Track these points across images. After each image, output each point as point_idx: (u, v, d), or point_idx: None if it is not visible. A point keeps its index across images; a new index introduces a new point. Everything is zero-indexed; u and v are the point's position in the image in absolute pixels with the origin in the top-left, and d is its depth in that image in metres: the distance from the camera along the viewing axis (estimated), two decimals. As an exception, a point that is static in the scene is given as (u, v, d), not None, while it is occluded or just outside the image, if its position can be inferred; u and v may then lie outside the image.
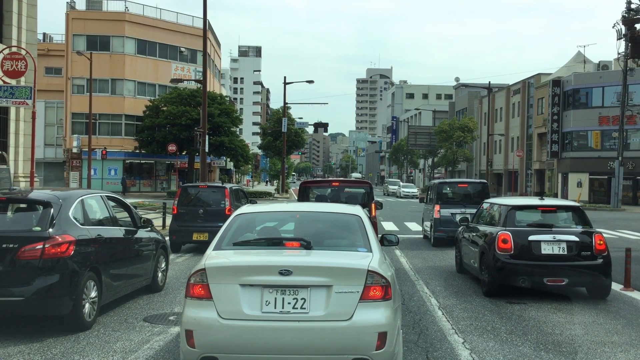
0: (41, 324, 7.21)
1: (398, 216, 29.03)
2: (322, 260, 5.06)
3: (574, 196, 48.06)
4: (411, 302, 8.98)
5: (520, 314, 8.27)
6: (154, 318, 7.77)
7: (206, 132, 27.43)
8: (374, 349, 4.69)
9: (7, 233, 6.83)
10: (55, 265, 6.73)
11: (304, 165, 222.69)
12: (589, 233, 9.50)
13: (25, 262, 6.64)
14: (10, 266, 6.60)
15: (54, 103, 55.72)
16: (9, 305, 6.60)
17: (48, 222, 6.93)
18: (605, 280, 9.35)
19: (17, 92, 13.73)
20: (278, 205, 7.51)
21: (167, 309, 8.38)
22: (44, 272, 6.67)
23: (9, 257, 6.60)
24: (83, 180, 48.78)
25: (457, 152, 67.24)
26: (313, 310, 4.73)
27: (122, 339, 6.78)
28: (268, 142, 65.73)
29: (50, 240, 6.76)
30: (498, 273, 9.30)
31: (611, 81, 47.08)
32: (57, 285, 6.70)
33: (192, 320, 4.78)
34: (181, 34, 55.68)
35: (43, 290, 6.61)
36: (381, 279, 4.85)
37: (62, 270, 6.77)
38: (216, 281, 4.82)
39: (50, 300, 6.69)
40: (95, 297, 7.32)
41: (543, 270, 9.10)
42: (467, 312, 8.36)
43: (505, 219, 9.75)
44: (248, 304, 4.74)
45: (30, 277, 6.61)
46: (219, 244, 5.43)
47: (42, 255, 6.67)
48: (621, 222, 28.59)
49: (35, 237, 6.75)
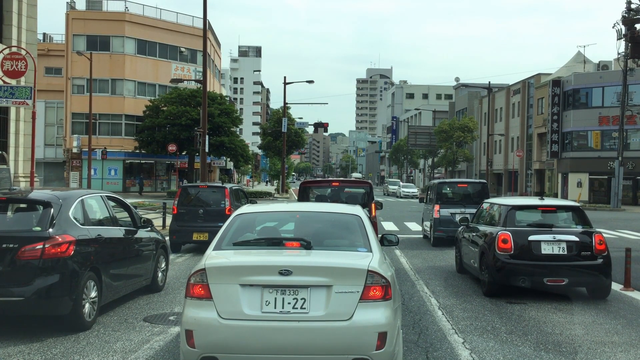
0: (41, 324, 7.20)
1: (398, 216, 29.03)
2: (322, 260, 5.04)
3: (574, 196, 48.05)
4: (411, 302, 8.98)
5: (520, 314, 8.27)
6: (154, 318, 7.77)
7: (206, 132, 27.43)
8: (374, 349, 4.66)
9: (7, 233, 6.82)
10: (55, 265, 6.72)
11: (304, 166, 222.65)
12: (589, 233, 9.47)
13: (25, 262, 6.63)
14: (10, 266, 6.60)
15: (54, 103, 55.71)
16: (9, 306, 6.60)
17: (48, 222, 6.93)
18: (605, 281, 9.32)
19: (17, 92, 13.72)
20: (278, 205, 7.49)
21: (167, 309, 8.37)
22: (44, 272, 6.67)
23: (9, 257, 6.60)
24: (83, 180, 48.78)
25: (457, 152, 67.22)
26: (313, 310, 4.71)
27: (122, 339, 6.78)
28: (268, 142, 65.69)
29: (50, 240, 6.75)
30: (498, 273, 9.28)
31: (611, 81, 47.07)
32: (57, 285, 6.70)
33: (192, 320, 4.76)
34: (181, 34, 55.67)
35: (43, 291, 6.61)
36: (381, 279, 4.83)
37: (62, 270, 6.76)
38: (216, 281, 4.79)
39: (50, 300, 6.69)
40: (96, 297, 7.32)
41: (543, 270, 9.07)
42: (467, 312, 8.36)
43: (505, 219, 9.73)
44: (248, 304, 4.71)
45: (30, 277, 6.60)
46: (219, 244, 5.40)
47: (42, 255, 6.66)
48: (621, 222, 28.58)
49: (35, 237, 6.74)
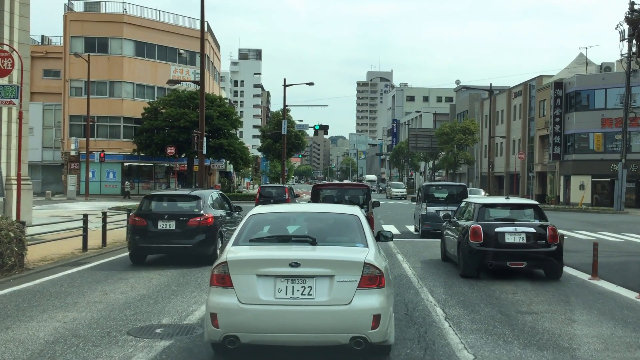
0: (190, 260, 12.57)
1: (400, 219, 28.47)
2: (326, 254, 5.84)
3: (576, 199, 47.57)
4: (415, 312, 8.45)
5: (532, 326, 7.71)
6: (139, 331, 7.21)
7: (204, 134, 26.93)
8: (369, 328, 5.48)
9: (182, 212, 13.00)
10: (205, 229, 12.75)
11: (305, 168, 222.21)
12: (544, 226, 11.31)
13: (191, 227, 12.64)
14: (184, 229, 12.62)
15: (52, 105, 55.18)
16: (184, 249, 12.64)
17: (201, 207, 13.00)
18: (557, 264, 11.22)
19: (3, 91, 13.22)
20: (286, 206, 8.86)
21: (154, 319, 7.83)
22: (200, 232, 12.68)
23: (184, 224, 12.63)
24: (81, 184, 48.21)
25: (458, 154, 66.68)
26: (318, 296, 5.50)
27: (102, 356, 6.22)
28: (268, 144, 65.27)
29: (203, 216, 12.81)
30: (471, 258, 11.25)
31: (614, 83, 46.60)
32: (206, 239, 12.72)
33: (216, 304, 5.56)
34: (180, 36, 55.13)
35: (200, 241, 12.64)
36: (375, 269, 5.62)
37: (208, 232, 12.78)
38: (236, 272, 5.59)
39: (203, 246, 12.68)
40: (219, 245, 12.79)
41: (506, 256, 11.05)
42: (475, 324, 7.80)
43: (477, 214, 11.75)
44: (263, 291, 5.50)
45: (193, 235, 12.63)
46: (237, 240, 6.22)
47: (199, 224, 12.71)
48: (626, 225, 28.06)
49: (196, 214, 12.82)
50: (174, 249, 12.67)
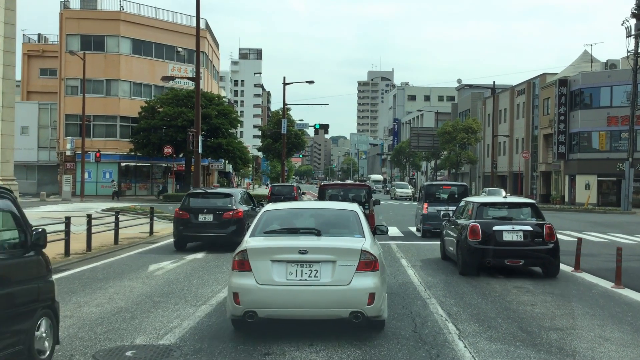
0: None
1: (403, 220, 27.49)
2: (329, 243, 6.83)
3: (582, 198, 46.55)
4: (424, 328, 7.51)
5: (560, 346, 6.71)
6: (106, 354, 6.24)
7: (199, 133, 25.97)
8: (366, 304, 6.43)
9: (218, 207, 15.44)
10: (237, 221, 15.24)
11: (305, 169, 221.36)
12: (541, 224, 11.53)
13: (225, 219, 15.22)
14: (220, 221, 15.20)
15: (47, 105, 54.17)
16: (220, 238, 15.21)
17: (233, 202, 15.63)
18: (554, 261, 11.38)
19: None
20: (295, 204, 10.09)
21: (126, 339, 6.84)
22: (233, 223, 15.21)
23: (219, 217, 15.21)
24: (77, 184, 47.16)
25: (461, 154, 65.66)
26: (323, 278, 6.46)
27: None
28: (268, 144, 64.33)
29: (235, 210, 15.39)
30: (470, 256, 11.40)
31: (620, 80, 45.63)
32: (237, 229, 14.92)
33: (237, 285, 6.52)
34: (178, 34, 54.03)
35: (233, 231, 15.01)
36: (371, 256, 6.59)
37: (239, 223, 15.16)
38: (254, 258, 6.56)
39: (236, 235, 14.27)
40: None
41: (504, 253, 11.24)
42: (494, 343, 6.83)
43: (476, 213, 11.94)
44: (277, 274, 6.47)
45: (227, 225, 15.18)
46: (253, 232, 7.26)
47: (232, 217, 15.26)
48: (635, 226, 27.10)
49: (229, 208, 15.39)
50: (211, 237, 15.42)
